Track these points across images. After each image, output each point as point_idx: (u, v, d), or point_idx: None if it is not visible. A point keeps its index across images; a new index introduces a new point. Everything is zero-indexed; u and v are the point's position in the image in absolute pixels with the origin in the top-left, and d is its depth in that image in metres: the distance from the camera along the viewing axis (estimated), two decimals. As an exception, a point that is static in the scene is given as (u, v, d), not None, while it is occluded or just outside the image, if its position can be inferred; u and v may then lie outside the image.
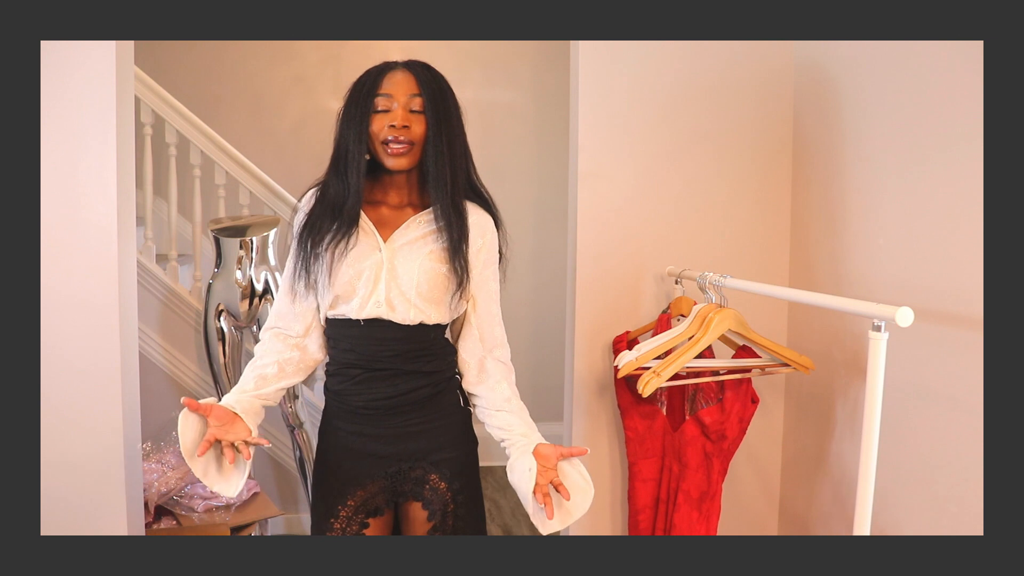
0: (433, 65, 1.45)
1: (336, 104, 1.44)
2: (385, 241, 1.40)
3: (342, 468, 1.45)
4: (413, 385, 1.42)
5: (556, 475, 1.32)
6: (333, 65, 3.72)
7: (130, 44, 1.80)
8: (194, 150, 2.96)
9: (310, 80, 3.73)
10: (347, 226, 1.38)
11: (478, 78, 3.77)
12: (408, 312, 1.38)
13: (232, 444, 1.29)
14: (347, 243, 1.37)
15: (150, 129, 2.92)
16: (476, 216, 1.44)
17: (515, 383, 1.49)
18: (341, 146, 1.39)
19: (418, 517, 1.45)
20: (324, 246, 1.38)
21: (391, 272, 1.38)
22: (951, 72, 1.47)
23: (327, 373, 1.49)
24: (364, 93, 1.37)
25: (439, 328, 1.45)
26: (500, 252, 1.50)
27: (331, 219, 1.39)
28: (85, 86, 1.69)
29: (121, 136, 1.74)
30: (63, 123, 1.69)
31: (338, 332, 1.43)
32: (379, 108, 1.36)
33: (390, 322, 1.39)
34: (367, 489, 1.44)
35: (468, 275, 1.41)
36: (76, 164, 1.70)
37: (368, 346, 1.40)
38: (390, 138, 1.35)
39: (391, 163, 1.37)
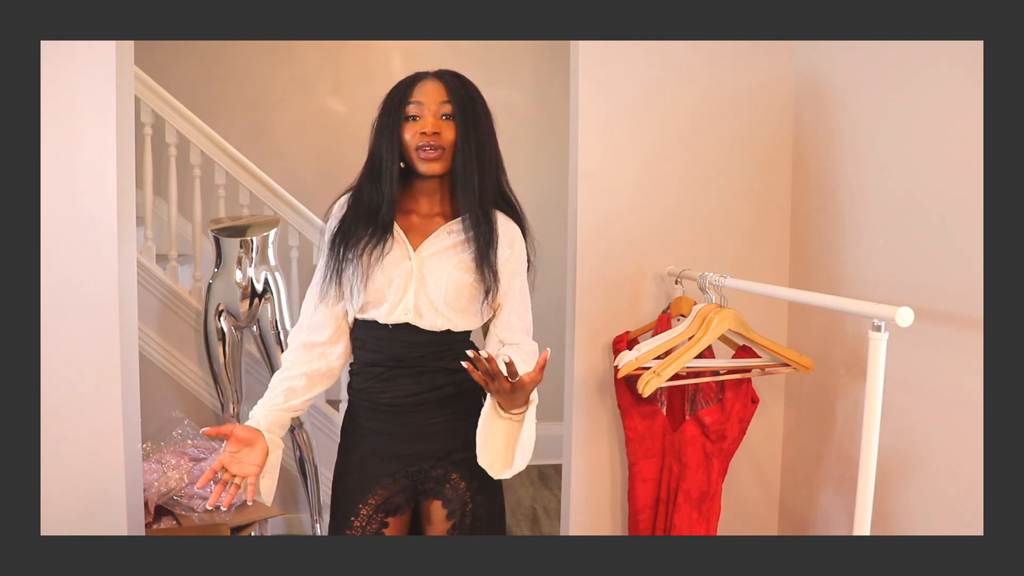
0: (433, 65, 1.48)
1: (336, 104, 1.48)
2: (415, 249, 1.43)
3: (363, 467, 1.47)
4: (438, 383, 1.45)
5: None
6: (333, 65, 3.71)
7: (130, 44, 1.80)
8: (194, 150, 2.96)
9: (310, 80, 3.72)
10: (381, 232, 1.40)
11: (478, 78, 3.74)
12: (435, 320, 1.41)
13: (234, 478, 1.30)
14: (382, 249, 1.40)
15: (150, 129, 2.92)
16: (505, 226, 1.48)
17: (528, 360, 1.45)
18: (375, 155, 1.42)
19: (438, 515, 1.47)
20: (358, 252, 1.40)
21: (420, 280, 1.41)
22: (951, 72, 1.46)
23: (351, 372, 1.51)
24: (396, 103, 1.40)
25: (466, 333, 1.48)
26: (528, 261, 1.53)
27: (365, 226, 1.41)
28: (85, 86, 1.69)
29: (121, 136, 1.74)
30: (63, 123, 1.69)
31: (365, 334, 1.46)
32: (410, 115, 1.39)
33: (417, 327, 1.42)
34: (388, 488, 1.46)
35: (497, 283, 1.43)
36: (76, 164, 1.70)
37: (394, 348, 1.43)
38: (422, 144, 1.37)
39: (424, 168, 1.40)
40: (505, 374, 1.24)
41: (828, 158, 1.89)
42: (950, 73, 1.47)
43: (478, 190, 1.40)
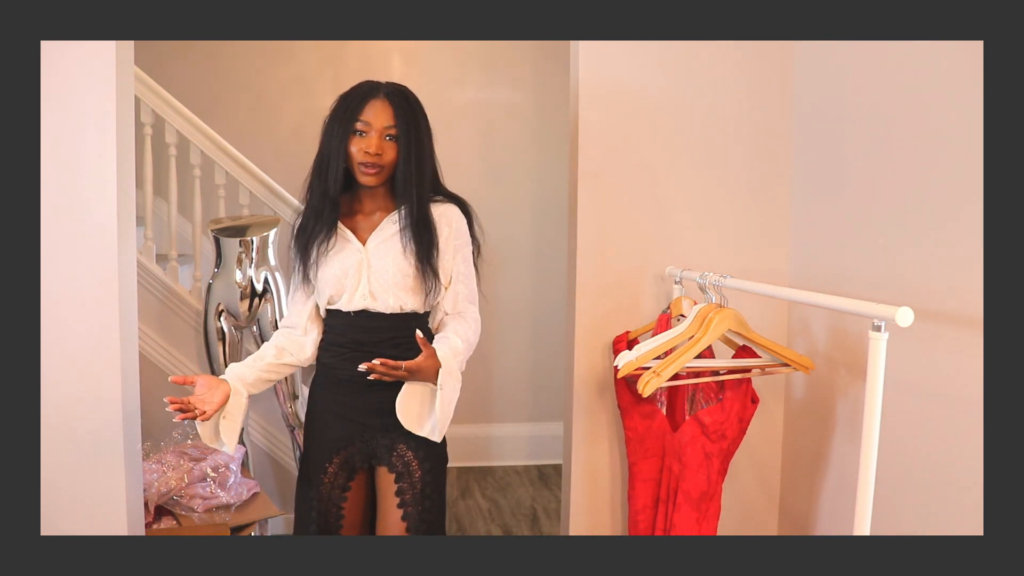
0: (433, 65, 1.51)
1: (336, 104, 1.48)
2: (364, 244, 1.62)
3: (328, 430, 1.65)
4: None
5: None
6: (333, 66, 3.71)
7: (130, 44, 1.80)
8: (194, 150, 2.96)
9: (310, 80, 3.72)
10: (327, 228, 1.60)
11: (478, 78, 3.77)
12: (388, 300, 1.60)
13: (194, 409, 1.50)
14: (328, 244, 1.60)
15: (150, 129, 2.92)
16: (441, 209, 1.63)
17: (471, 339, 1.62)
18: (323, 154, 1.60)
19: (385, 480, 1.63)
20: (313, 251, 1.61)
21: (370, 268, 1.60)
22: (951, 72, 1.47)
23: (320, 347, 1.69)
24: (347, 116, 1.56)
25: (418, 317, 1.64)
26: (477, 242, 1.68)
27: (314, 222, 1.61)
28: (85, 86, 1.69)
29: (121, 136, 1.74)
30: (63, 123, 1.69)
31: (332, 320, 1.67)
32: (357, 130, 1.56)
33: (375, 313, 1.60)
34: (348, 450, 1.64)
35: (438, 282, 1.61)
36: (76, 164, 1.70)
37: (356, 333, 1.62)
38: (364, 161, 1.55)
39: (364, 180, 1.58)
40: (399, 365, 1.46)
41: (828, 157, 1.89)
42: (950, 73, 1.47)
43: (416, 200, 1.57)
